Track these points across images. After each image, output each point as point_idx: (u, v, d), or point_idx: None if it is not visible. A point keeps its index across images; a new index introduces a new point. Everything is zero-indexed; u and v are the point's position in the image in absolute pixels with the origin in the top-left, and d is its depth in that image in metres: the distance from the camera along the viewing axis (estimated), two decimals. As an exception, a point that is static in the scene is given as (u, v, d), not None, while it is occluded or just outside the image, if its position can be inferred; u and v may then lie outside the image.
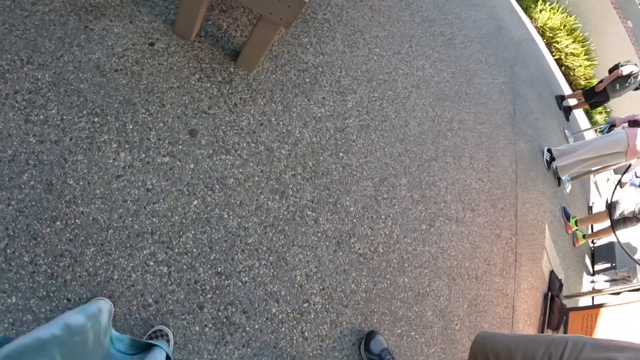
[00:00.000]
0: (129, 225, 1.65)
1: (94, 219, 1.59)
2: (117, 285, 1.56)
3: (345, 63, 2.93)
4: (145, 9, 2.10)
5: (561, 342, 1.20)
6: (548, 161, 5.30)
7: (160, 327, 1.59)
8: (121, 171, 1.71)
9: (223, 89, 2.18)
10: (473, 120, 4.03)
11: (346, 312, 2.14)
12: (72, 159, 1.62)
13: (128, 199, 1.69)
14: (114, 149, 1.73)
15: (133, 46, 1.98)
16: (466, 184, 3.45)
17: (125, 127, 1.80)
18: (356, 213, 2.42)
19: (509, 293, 3.43)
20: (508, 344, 1.30)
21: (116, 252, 1.60)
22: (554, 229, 4.81)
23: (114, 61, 1.89)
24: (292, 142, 2.33)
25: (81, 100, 1.73)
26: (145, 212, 1.71)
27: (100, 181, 1.65)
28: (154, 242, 1.69)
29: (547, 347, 1.20)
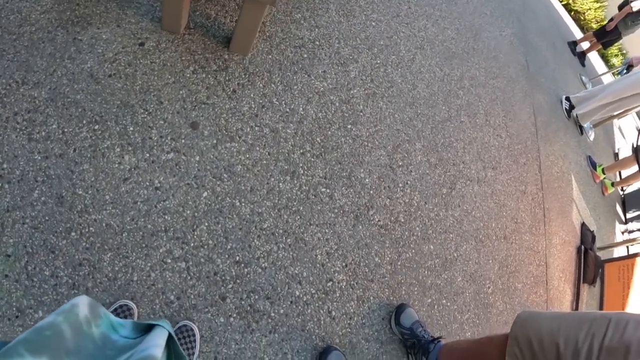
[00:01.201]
0: (142, 226, 1.64)
1: (107, 224, 1.58)
2: (138, 286, 1.56)
3: (342, 33, 2.82)
4: (130, 11, 2.07)
5: (603, 320, 1.13)
6: (568, 110, 5.12)
7: (184, 323, 1.57)
8: (128, 174, 1.70)
9: (219, 77, 2.13)
10: (484, 75, 3.87)
11: (372, 286, 2.08)
12: (78, 170, 1.62)
13: (138, 200, 1.67)
14: (118, 153, 1.72)
15: (123, 49, 1.95)
16: (484, 141, 3.32)
17: (126, 130, 1.78)
18: (372, 184, 2.34)
19: (541, 250, 3.32)
20: (551, 327, 1.23)
21: (133, 254, 1.59)
22: (581, 179, 4.66)
23: (107, 67, 1.87)
24: (297, 120, 2.25)
25: (79, 111, 1.73)
26: (156, 211, 1.69)
27: (108, 187, 1.64)
28: (168, 239, 1.67)
29: (590, 327, 1.13)
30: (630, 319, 1.09)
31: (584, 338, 1.11)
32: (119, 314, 1.48)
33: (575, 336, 1.13)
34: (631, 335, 1.04)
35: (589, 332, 1.12)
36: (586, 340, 1.11)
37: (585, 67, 7.39)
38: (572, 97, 5.15)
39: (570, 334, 1.15)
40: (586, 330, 1.13)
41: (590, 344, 1.09)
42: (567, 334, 1.16)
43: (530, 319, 1.34)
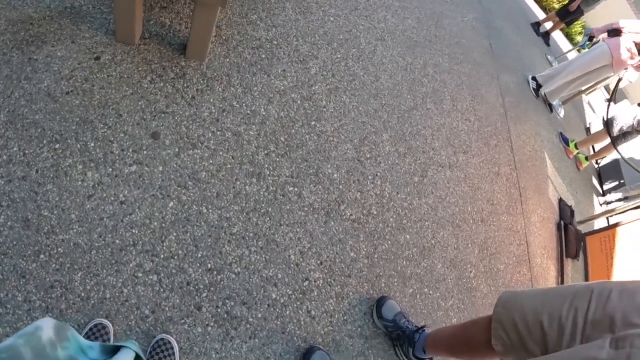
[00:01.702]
0: (110, 242, 1.60)
1: (75, 243, 1.55)
2: (111, 303, 1.52)
3: (300, 31, 2.79)
4: (84, 26, 2.03)
5: (586, 292, 1.11)
6: (535, 89, 5.16)
7: (162, 336, 1.54)
8: (92, 190, 1.66)
9: (177, 84, 2.09)
10: (448, 61, 3.88)
11: (350, 282, 2.05)
12: (42, 191, 1.59)
13: (104, 216, 1.64)
14: (81, 171, 1.68)
15: (79, 65, 1.91)
16: (453, 127, 3.32)
17: (87, 147, 1.74)
18: (341, 179, 2.31)
19: (520, 229, 3.33)
20: (534, 305, 1.21)
21: (103, 271, 1.55)
22: (555, 156, 4.70)
23: (64, 84, 1.83)
24: (259, 121, 2.21)
25: (39, 131, 1.69)
26: (123, 225, 1.65)
27: (73, 205, 1.61)
28: (137, 253, 1.63)
29: (572, 300, 1.11)
30: (613, 288, 1.07)
31: (567, 313, 1.10)
32: (94, 333, 1.45)
33: (559, 311, 1.12)
34: (615, 305, 1.02)
35: (572, 306, 1.10)
36: (569, 315, 1.09)
37: (550, 46, 7.48)
38: (538, 76, 5.20)
39: (553, 310, 1.14)
40: (569, 305, 1.11)
41: (574, 318, 1.08)
42: (550, 310, 1.14)
43: (512, 299, 1.32)
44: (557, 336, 1.10)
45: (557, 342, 1.10)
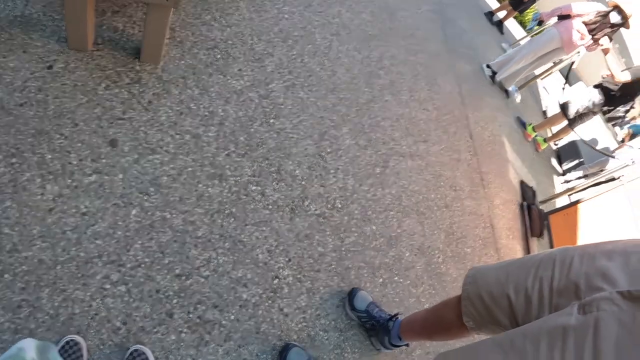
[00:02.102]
0: (75, 256, 1.56)
1: (40, 260, 1.50)
2: (82, 318, 1.48)
3: (255, 29, 2.78)
4: (36, 34, 1.95)
5: (549, 261, 1.13)
6: (491, 76, 5.30)
7: (136, 347, 1.50)
8: (52, 204, 1.61)
9: (133, 89, 2.05)
10: (405, 53, 3.93)
11: (320, 276, 2.06)
12: (1, 208, 1.53)
13: (66, 229, 1.59)
14: (39, 184, 1.62)
15: (32, 75, 1.84)
16: (412, 117, 3.37)
17: (44, 159, 1.68)
18: (303, 175, 2.32)
19: (484, 213, 3.41)
20: (499, 278, 1.23)
21: (70, 286, 1.51)
22: (514, 140, 4.83)
23: (17, 96, 1.76)
24: (218, 122, 2.20)
25: None
26: (87, 237, 1.61)
27: (35, 220, 1.55)
28: (104, 264, 1.59)
29: (536, 270, 1.14)
30: (574, 254, 1.10)
31: (532, 283, 1.12)
32: (67, 350, 1.41)
33: (524, 283, 1.14)
34: (578, 271, 1.05)
35: (537, 276, 1.12)
36: (535, 285, 1.11)
37: (504, 34, 7.67)
38: (492, 63, 5.33)
39: (518, 281, 1.16)
40: (533, 275, 1.13)
41: (540, 288, 1.10)
42: (516, 283, 1.16)
43: (479, 275, 1.34)
44: (525, 307, 1.12)
45: (526, 313, 1.12)
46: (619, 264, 1.01)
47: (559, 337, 0.93)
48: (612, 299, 0.91)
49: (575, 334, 0.91)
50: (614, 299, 0.91)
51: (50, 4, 2.07)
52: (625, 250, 1.04)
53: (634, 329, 0.86)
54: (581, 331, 0.90)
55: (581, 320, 0.92)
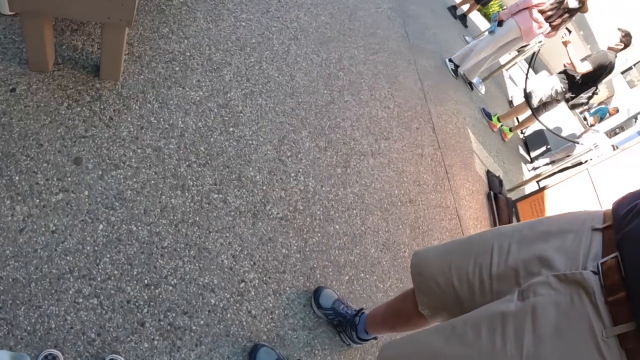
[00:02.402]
0: (47, 273, 1.59)
1: (14, 279, 1.53)
2: (58, 332, 1.52)
3: (212, 39, 2.81)
4: None
5: (487, 249, 1.17)
6: (454, 70, 5.39)
7: (112, 357, 1.55)
8: (22, 224, 1.64)
9: (94, 107, 2.07)
10: (364, 53, 4.00)
11: (285, 278, 2.11)
12: None
13: (37, 247, 1.62)
14: (9, 205, 1.65)
15: None
16: (372, 115, 3.44)
17: (12, 181, 1.71)
18: (264, 180, 2.37)
19: (450, 205, 3.50)
20: (442, 268, 1.28)
21: (45, 302, 1.54)
22: (479, 131, 4.94)
23: None
24: (178, 134, 2.23)
25: None
26: (57, 254, 1.64)
27: (6, 241, 1.58)
28: (75, 279, 1.63)
29: (475, 258, 1.18)
30: (511, 239, 1.13)
31: (472, 271, 1.16)
32: None
33: (466, 271, 1.18)
34: (516, 258, 1.09)
35: (476, 263, 1.16)
36: (475, 273, 1.15)
37: (468, 27, 7.80)
38: (454, 57, 5.43)
39: (460, 271, 1.20)
40: (473, 263, 1.17)
41: (480, 275, 1.14)
42: (458, 272, 1.21)
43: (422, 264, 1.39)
44: (469, 294, 1.17)
45: (470, 299, 1.17)
46: (555, 246, 1.04)
47: (499, 322, 0.98)
48: (549, 283, 0.95)
49: (514, 319, 0.95)
50: (550, 282, 0.95)
51: (10, 26, 2.08)
52: (561, 230, 1.08)
53: (571, 311, 0.91)
54: (520, 316, 0.95)
55: (519, 306, 0.97)
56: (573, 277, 0.93)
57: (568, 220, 1.11)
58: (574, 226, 1.07)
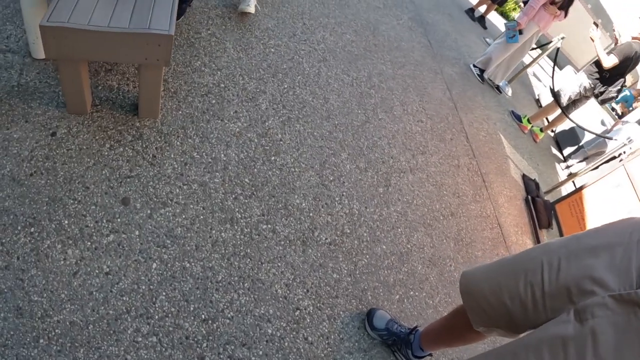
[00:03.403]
0: (104, 314, 1.62)
1: (71, 322, 1.56)
2: None
3: (244, 68, 2.87)
4: (35, 103, 2.04)
5: (537, 266, 1.17)
6: (479, 75, 5.36)
7: None
8: (75, 267, 1.67)
9: (137, 146, 2.13)
10: (391, 67, 4.02)
11: (339, 302, 2.12)
12: (27, 277, 1.59)
13: (92, 290, 1.65)
14: (61, 250, 1.69)
15: (37, 144, 1.92)
16: (407, 130, 3.45)
17: (62, 225, 1.75)
18: (309, 207, 2.39)
19: (490, 214, 3.47)
20: (492, 288, 1.28)
21: (104, 343, 1.57)
22: (510, 135, 4.89)
23: (26, 166, 1.84)
24: (222, 167, 2.27)
25: (12, 218, 1.69)
26: (113, 295, 1.67)
27: (61, 285, 1.62)
28: (133, 319, 1.66)
29: (525, 276, 1.18)
30: (560, 256, 1.13)
31: (524, 289, 1.16)
32: None
33: (517, 290, 1.18)
34: (566, 275, 1.08)
35: (527, 282, 1.15)
36: (527, 291, 1.15)
37: (487, 28, 7.74)
38: (477, 62, 5.40)
39: (511, 289, 1.20)
40: (524, 281, 1.16)
41: (532, 293, 1.13)
42: (509, 291, 1.20)
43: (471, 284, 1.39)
44: (522, 313, 1.16)
45: (523, 317, 1.16)
46: (605, 263, 1.04)
47: (560, 347, 0.97)
48: (606, 304, 0.95)
49: (575, 343, 0.95)
50: (607, 303, 0.95)
51: (44, 70, 2.16)
52: (609, 244, 1.07)
53: (629, 330, 0.91)
54: (580, 340, 0.95)
55: (579, 330, 0.96)
56: (628, 297, 0.93)
57: (614, 232, 1.11)
58: (622, 238, 1.06)
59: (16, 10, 2.20)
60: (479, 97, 4.92)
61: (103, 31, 1.74)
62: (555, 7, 4.76)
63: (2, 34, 2.20)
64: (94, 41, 1.76)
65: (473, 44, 6.36)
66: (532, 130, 5.49)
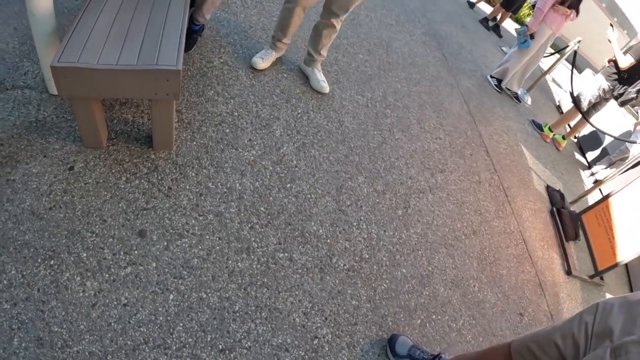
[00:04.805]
0: (122, 345, 1.64)
1: (90, 352, 1.58)
2: None
3: (257, 95, 2.88)
4: (52, 138, 2.09)
5: (592, 308, 1.18)
6: (497, 85, 5.30)
7: None
8: (94, 299, 1.70)
9: (152, 178, 2.16)
10: (406, 85, 4.00)
11: (358, 329, 2.09)
12: (47, 308, 1.62)
13: (111, 321, 1.68)
14: (79, 282, 1.72)
15: (56, 178, 1.97)
16: (425, 149, 3.41)
17: (80, 257, 1.78)
18: (327, 233, 2.37)
19: (514, 229, 3.40)
20: (545, 329, 1.30)
21: None
22: (532, 145, 4.80)
23: (45, 200, 1.88)
24: (237, 196, 2.28)
25: (32, 251, 1.73)
26: (131, 326, 1.69)
27: (80, 316, 1.65)
28: (150, 349, 1.67)
29: (581, 316, 1.18)
30: (615, 303, 1.13)
31: (578, 328, 1.15)
32: None
33: (570, 329, 1.17)
34: (615, 319, 1.08)
35: (582, 320, 1.16)
36: (581, 330, 1.14)
37: (503, 37, 7.67)
38: (494, 73, 5.34)
39: (564, 329, 1.20)
40: (579, 321, 1.17)
41: (585, 331, 1.13)
42: (562, 330, 1.20)
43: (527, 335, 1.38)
44: (573, 352, 1.15)
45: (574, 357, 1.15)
46: None
47: None
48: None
49: None
50: None
51: (61, 105, 2.22)
52: None
53: None
54: None
55: None
56: None
57: None
58: None
59: (32, 47, 2.26)
60: (497, 109, 4.85)
61: (112, 69, 1.78)
62: (564, 7, 4.71)
63: (20, 71, 2.28)
64: (104, 79, 1.80)
65: (489, 54, 6.30)
66: (554, 139, 5.38)
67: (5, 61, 2.29)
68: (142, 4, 2.16)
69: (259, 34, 3.40)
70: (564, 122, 5.62)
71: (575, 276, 3.50)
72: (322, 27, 2.98)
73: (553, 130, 5.33)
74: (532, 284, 3.04)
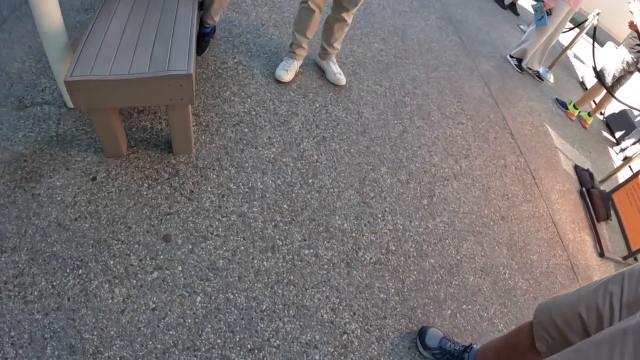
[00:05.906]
0: (152, 349, 1.66)
1: (121, 357, 1.61)
2: None
3: (274, 93, 2.87)
4: (74, 150, 2.13)
5: (617, 277, 1.18)
6: (518, 65, 5.17)
7: None
8: (123, 305, 1.73)
9: (174, 183, 2.18)
10: (424, 72, 3.93)
11: (387, 323, 2.07)
12: (78, 316, 1.66)
13: (140, 325, 1.70)
14: (108, 289, 1.75)
15: (79, 189, 2.01)
16: (447, 135, 3.35)
17: (107, 265, 1.82)
18: (351, 227, 2.35)
19: (543, 213, 3.31)
20: (569, 301, 1.28)
21: None
22: (557, 124, 4.68)
23: (70, 212, 1.92)
24: (259, 196, 2.28)
25: (60, 262, 1.77)
26: (160, 330, 1.71)
27: (110, 323, 1.68)
28: (180, 352, 1.69)
29: (606, 287, 1.18)
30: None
31: (602, 299, 1.15)
32: None
33: (595, 301, 1.16)
34: None
35: (607, 291, 1.15)
36: (606, 301, 1.14)
37: (520, 14, 7.47)
38: (514, 53, 5.22)
39: (589, 301, 1.19)
40: (603, 291, 1.16)
41: (610, 302, 1.12)
42: (587, 302, 1.19)
43: (549, 302, 1.38)
44: (597, 323, 1.15)
45: (598, 328, 1.14)
46: None
47: (619, 339, 0.96)
48: None
49: (633, 334, 0.94)
50: None
51: (80, 118, 2.26)
52: None
53: None
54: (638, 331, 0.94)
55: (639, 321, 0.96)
56: None
57: None
58: None
59: (47, 64, 2.30)
60: (519, 89, 4.74)
61: (124, 79, 1.80)
62: None
63: (38, 88, 2.32)
64: (117, 89, 1.82)
65: (507, 34, 6.15)
66: (580, 116, 5.23)
67: (23, 79, 2.34)
68: (150, 11, 2.17)
69: (271, 31, 3.38)
70: (589, 98, 5.45)
71: (609, 258, 3.40)
72: (333, 22, 2.94)
73: (578, 108, 5.18)
74: (564, 269, 2.96)
